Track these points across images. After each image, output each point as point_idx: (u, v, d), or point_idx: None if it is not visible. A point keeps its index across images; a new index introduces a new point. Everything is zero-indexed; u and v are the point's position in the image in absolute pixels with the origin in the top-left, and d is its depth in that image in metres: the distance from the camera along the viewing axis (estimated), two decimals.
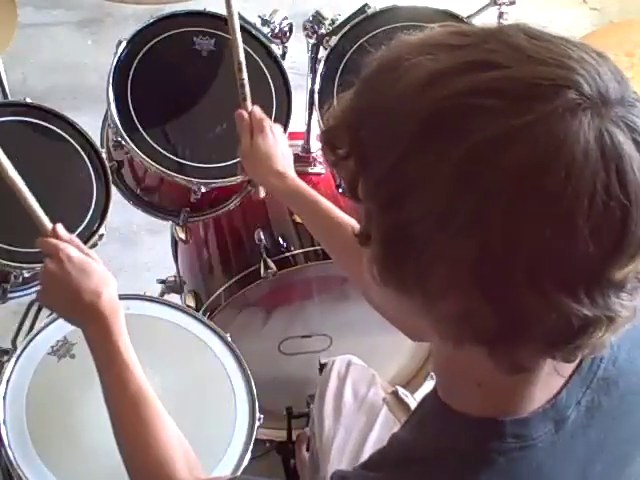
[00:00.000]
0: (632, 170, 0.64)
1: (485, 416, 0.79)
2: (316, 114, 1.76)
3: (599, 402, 0.82)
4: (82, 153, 1.67)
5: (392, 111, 0.68)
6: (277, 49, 1.79)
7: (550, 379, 0.78)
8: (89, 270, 1.19)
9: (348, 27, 1.79)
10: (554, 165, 0.63)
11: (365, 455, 1.58)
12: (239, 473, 1.50)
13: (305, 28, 1.82)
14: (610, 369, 0.82)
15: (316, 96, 1.75)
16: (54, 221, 1.64)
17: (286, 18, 1.81)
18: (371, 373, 1.75)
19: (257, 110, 1.53)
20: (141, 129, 1.68)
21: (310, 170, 2.01)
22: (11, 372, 1.52)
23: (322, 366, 1.82)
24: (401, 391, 1.71)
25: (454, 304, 0.68)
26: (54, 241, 1.24)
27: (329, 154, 0.74)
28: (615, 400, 0.83)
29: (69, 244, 1.23)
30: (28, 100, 1.69)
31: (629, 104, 0.66)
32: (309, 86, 1.82)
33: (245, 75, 1.54)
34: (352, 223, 1.30)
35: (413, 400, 1.71)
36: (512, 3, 1.86)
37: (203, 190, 1.69)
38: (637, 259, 0.66)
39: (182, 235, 2.02)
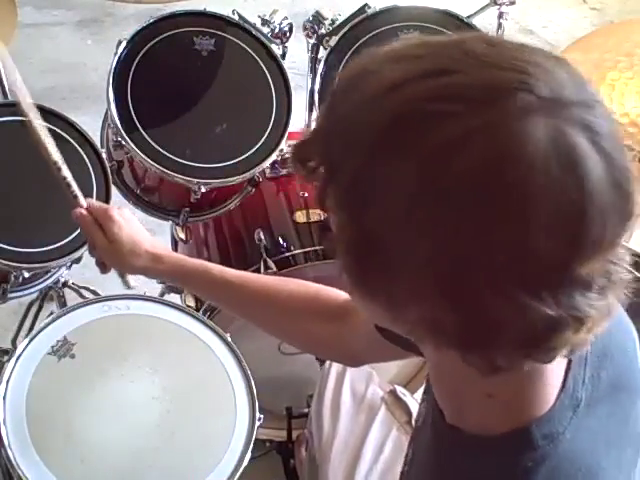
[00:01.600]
0: (587, 169, 0.64)
1: (508, 430, 0.78)
2: (316, 114, 1.76)
3: (598, 376, 0.83)
4: (82, 153, 1.67)
5: (354, 119, 0.69)
6: (277, 49, 1.80)
7: (554, 369, 0.79)
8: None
9: (348, 27, 1.79)
10: (508, 165, 0.64)
11: (365, 455, 1.59)
12: (239, 473, 1.50)
13: (305, 28, 1.83)
14: (597, 343, 0.81)
15: (316, 96, 1.76)
16: (55, 221, 1.64)
17: (286, 18, 1.82)
18: (368, 372, 1.75)
19: (94, 202, 1.35)
20: (141, 129, 1.68)
21: None
22: (11, 372, 1.52)
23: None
24: (399, 390, 1.71)
25: (419, 311, 0.69)
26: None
27: (300, 169, 0.74)
28: (610, 370, 0.85)
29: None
30: None
31: (587, 105, 0.67)
32: (309, 86, 1.83)
33: (67, 173, 1.32)
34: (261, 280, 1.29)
35: (412, 399, 1.71)
36: (512, 3, 1.86)
37: (203, 190, 1.69)
38: (599, 257, 0.67)
39: (182, 235, 2.02)
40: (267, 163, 1.73)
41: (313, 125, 0.75)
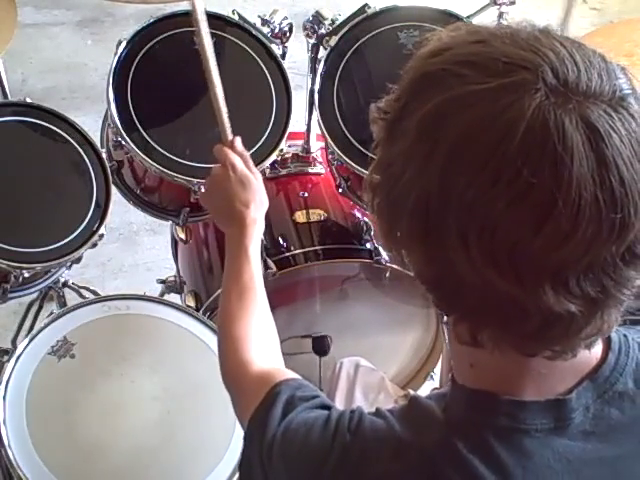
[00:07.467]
0: (569, 158, 0.66)
1: (481, 389, 0.80)
2: (316, 114, 1.76)
3: (609, 414, 0.81)
4: (82, 153, 1.68)
5: (407, 72, 0.76)
6: (277, 49, 1.79)
7: (552, 376, 0.79)
8: (247, 183, 1.31)
9: (348, 27, 1.79)
10: (489, 132, 0.67)
11: None
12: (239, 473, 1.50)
13: (305, 28, 1.82)
14: (630, 386, 0.81)
15: (316, 96, 1.75)
16: (55, 221, 1.64)
17: (286, 18, 1.82)
18: (380, 376, 1.74)
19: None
20: (141, 129, 1.68)
21: (310, 170, 2.01)
22: (11, 372, 1.52)
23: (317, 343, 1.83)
24: (413, 394, 1.70)
25: (408, 256, 0.76)
26: (227, 150, 1.36)
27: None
28: (626, 417, 0.82)
29: (239, 157, 1.34)
30: (28, 100, 1.69)
31: (613, 103, 0.68)
32: (309, 86, 1.82)
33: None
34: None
35: None
36: (512, 3, 1.86)
37: (203, 190, 1.69)
38: (573, 254, 0.67)
39: (182, 235, 2.02)
40: (267, 163, 1.73)
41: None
